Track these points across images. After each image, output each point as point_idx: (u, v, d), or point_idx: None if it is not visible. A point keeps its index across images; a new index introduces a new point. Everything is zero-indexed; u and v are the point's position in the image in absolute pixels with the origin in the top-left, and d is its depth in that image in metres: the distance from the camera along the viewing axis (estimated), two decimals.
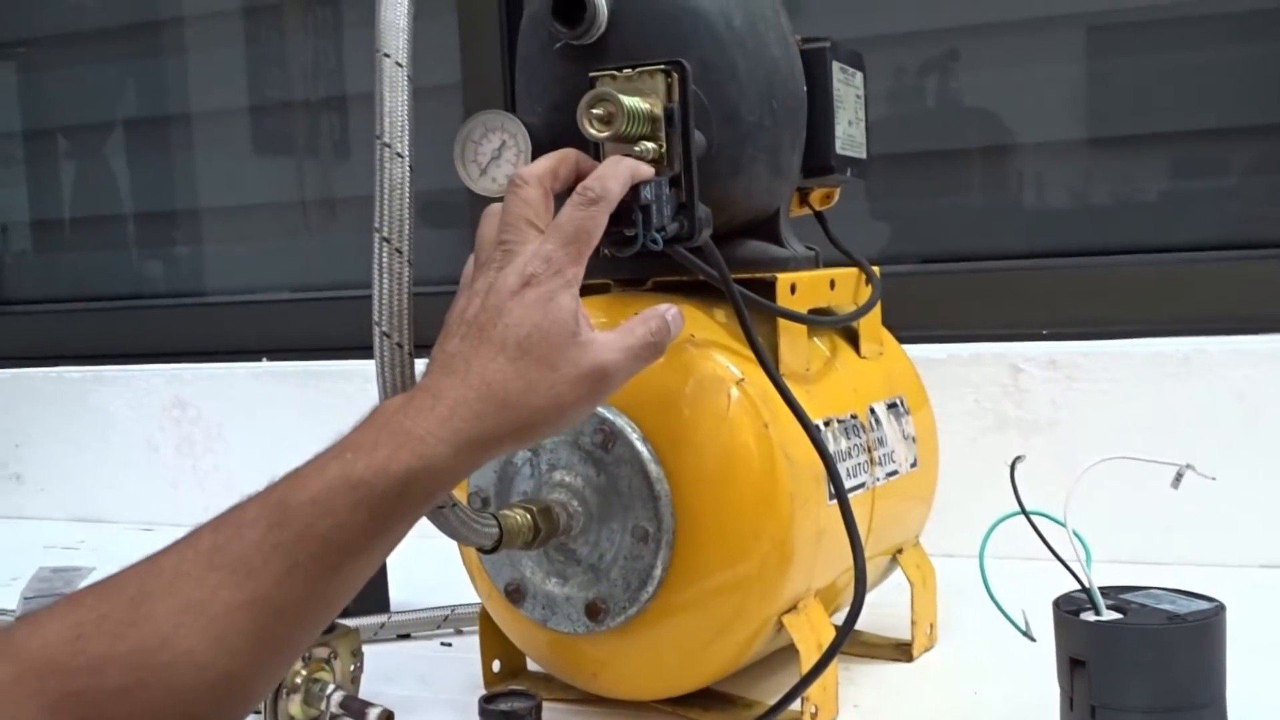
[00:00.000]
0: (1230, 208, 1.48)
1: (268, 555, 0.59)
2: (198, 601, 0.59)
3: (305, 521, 0.60)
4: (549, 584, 0.87)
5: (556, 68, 0.86)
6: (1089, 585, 0.78)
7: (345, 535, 0.60)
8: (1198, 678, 0.75)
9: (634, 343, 0.71)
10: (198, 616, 0.58)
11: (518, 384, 0.65)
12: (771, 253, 0.94)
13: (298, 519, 0.60)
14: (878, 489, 0.94)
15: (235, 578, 0.59)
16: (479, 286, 0.69)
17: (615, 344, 0.70)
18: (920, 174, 1.60)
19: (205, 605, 0.58)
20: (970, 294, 1.45)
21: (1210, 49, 1.46)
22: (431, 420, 0.63)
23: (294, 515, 0.60)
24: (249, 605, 0.59)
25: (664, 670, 0.87)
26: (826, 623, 0.88)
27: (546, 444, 0.86)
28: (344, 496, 0.60)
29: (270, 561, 0.59)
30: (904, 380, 1.05)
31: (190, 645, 0.58)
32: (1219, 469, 0.83)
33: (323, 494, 0.60)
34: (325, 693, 0.90)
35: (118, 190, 2.17)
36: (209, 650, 0.58)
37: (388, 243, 0.70)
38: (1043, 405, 1.32)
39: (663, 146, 0.78)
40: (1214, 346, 1.27)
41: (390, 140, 0.70)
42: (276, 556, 0.59)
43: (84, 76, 2.15)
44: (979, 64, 1.56)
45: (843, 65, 0.98)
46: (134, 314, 2.02)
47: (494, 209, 0.73)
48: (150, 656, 0.58)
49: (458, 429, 0.63)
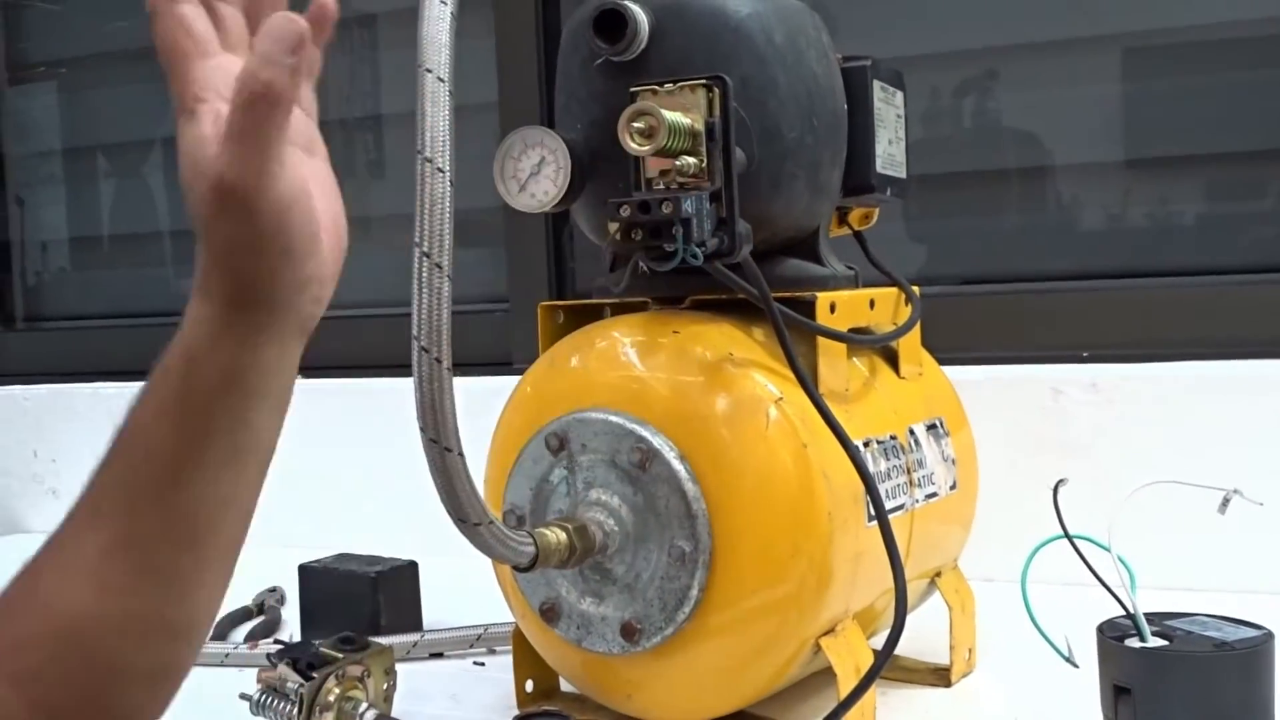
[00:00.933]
0: (1269, 229, 1.46)
1: (110, 494, 0.60)
2: (73, 559, 0.60)
3: (125, 448, 0.60)
4: (584, 603, 0.86)
5: (596, 83, 0.86)
6: (1134, 611, 0.77)
7: (163, 449, 0.59)
8: (1245, 707, 0.74)
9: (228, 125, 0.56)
10: (76, 572, 0.59)
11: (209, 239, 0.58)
12: (811, 271, 0.93)
13: (120, 451, 0.60)
14: (917, 511, 0.93)
15: (94, 525, 0.60)
16: None
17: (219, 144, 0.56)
18: (959, 195, 1.59)
19: (79, 558, 0.60)
20: (1009, 315, 1.44)
21: (1247, 70, 1.45)
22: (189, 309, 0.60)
23: (116, 449, 0.60)
24: (112, 547, 0.59)
25: (700, 692, 0.86)
26: (865, 646, 0.87)
27: (583, 462, 0.85)
28: (149, 414, 0.60)
29: (114, 500, 0.60)
30: (943, 402, 1.04)
31: (77, 602, 0.59)
32: (1266, 494, 0.82)
33: (131, 420, 0.60)
34: (358, 711, 0.90)
35: (155, 208, 2.18)
36: (98, 599, 0.59)
37: (428, 258, 0.69)
38: (1083, 428, 1.31)
39: (703, 161, 0.78)
40: (1257, 370, 1.25)
41: (432, 155, 0.69)
42: (117, 492, 0.60)
43: (123, 96, 2.17)
44: (1017, 85, 1.56)
45: (883, 84, 0.97)
46: (168, 331, 2.03)
47: None
48: (50, 624, 0.59)
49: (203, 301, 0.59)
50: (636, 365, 0.87)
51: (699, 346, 0.85)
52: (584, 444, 0.85)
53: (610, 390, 0.86)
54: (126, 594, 0.60)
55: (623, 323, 0.91)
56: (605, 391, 0.86)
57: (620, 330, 0.90)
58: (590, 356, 0.89)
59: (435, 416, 0.69)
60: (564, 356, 0.91)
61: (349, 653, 0.92)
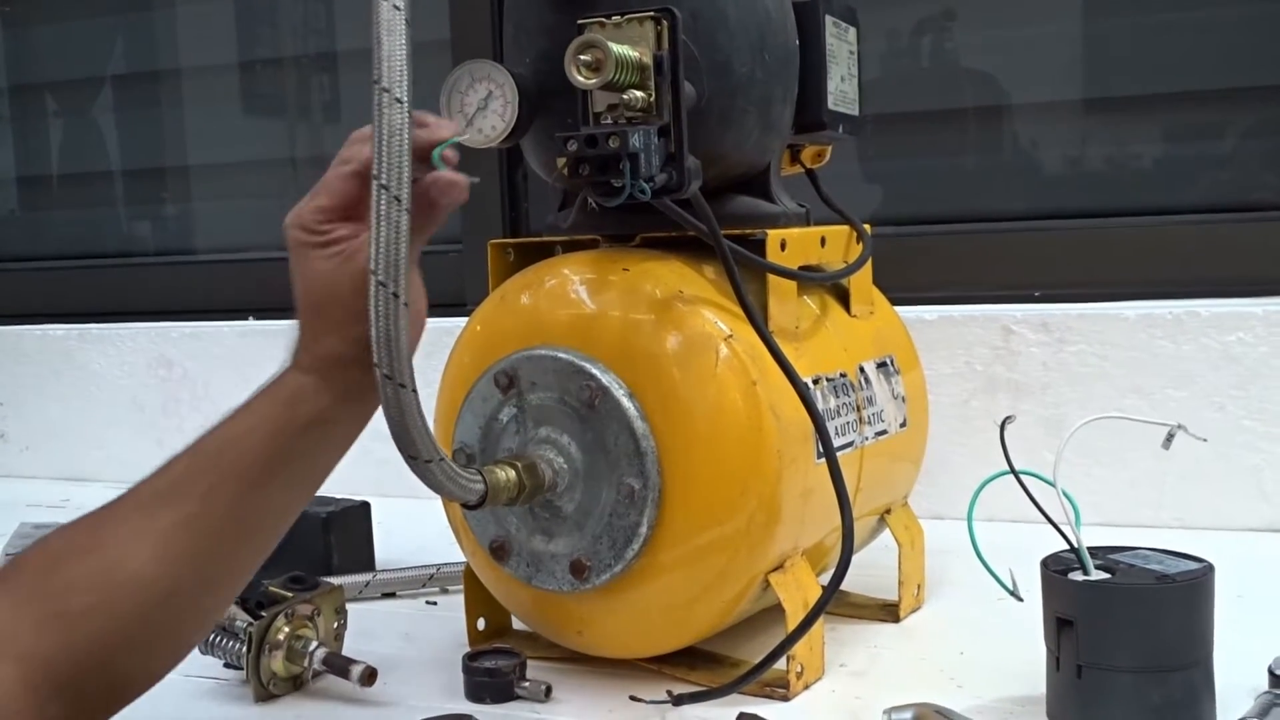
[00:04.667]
0: (1224, 171, 1.47)
1: (192, 481, 0.70)
2: (144, 526, 0.69)
3: (215, 451, 0.71)
4: (534, 541, 0.86)
5: (545, 16, 0.85)
6: (1077, 545, 0.78)
7: (248, 460, 0.70)
8: (1185, 638, 0.75)
9: None
10: (144, 538, 0.68)
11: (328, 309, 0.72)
12: (762, 209, 0.92)
13: (208, 452, 0.71)
14: (866, 448, 0.94)
15: (169, 504, 0.69)
16: None
17: None
18: (914, 135, 1.59)
19: (150, 528, 0.69)
20: (962, 255, 1.44)
21: (1206, 10, 1.45)
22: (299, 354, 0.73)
23: (205, 450, 0.71)
24: (183, 524, 0.69)
25: (649, 628, 0.87)
26: (814, 582, 0.88)
27: (532, 400, 0.85)
28: (243, 427, 0.71)
29: (195, 486, 0.70)
30: (894, 340, 1.04)
31: (140, 562, 0.68)
32: (1210, 431, 0.83)
33: (227, 430, 0.71)
34: (308, 650, 0.90)
35: (105, 147, 2.14)
36: (156, 566, 0.68)
37: (386, 190, 0.68)
38: (1034, 367, 1.32)
39: (651, 95, 0.77)
40: (1206, 309, 1.26)
41: (389, 85, 0.68)
42: (198, 482, 0.70)
43: (71, 32, 2.12)
44: (975, 24, 1.55)
45: (836, 20, 0.97)
46: (120, 272, 2.01)
47: None
48: (108, 576, 0.68)
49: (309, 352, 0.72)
50: (586, 303, 0.86)
51: (649, 284, 0.85)
52: (533, 382, 0.85)
53: (560, 328, 0.86)
54: (183, 568, 0.69)
55: (573, 260, 0.90)
56: (555, 329, 0.86)
57: (570, 268, 0.89)
58: (540, 294, 0.89)
59: (390, 351, 0.68)
60: (514, 294, 0.90)
61: (298, 592, 0.92)
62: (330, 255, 0.71)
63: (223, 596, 0.74)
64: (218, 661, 0.94)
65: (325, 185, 0.72)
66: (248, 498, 0.71)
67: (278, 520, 0.74)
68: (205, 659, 0.93)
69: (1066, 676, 0.77)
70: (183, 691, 0.91)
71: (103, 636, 0.67)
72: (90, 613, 0.67)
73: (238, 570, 0.73)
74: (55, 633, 0.66)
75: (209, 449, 0.71)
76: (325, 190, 0.72)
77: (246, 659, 0.89)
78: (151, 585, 0.68)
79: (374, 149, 0.67)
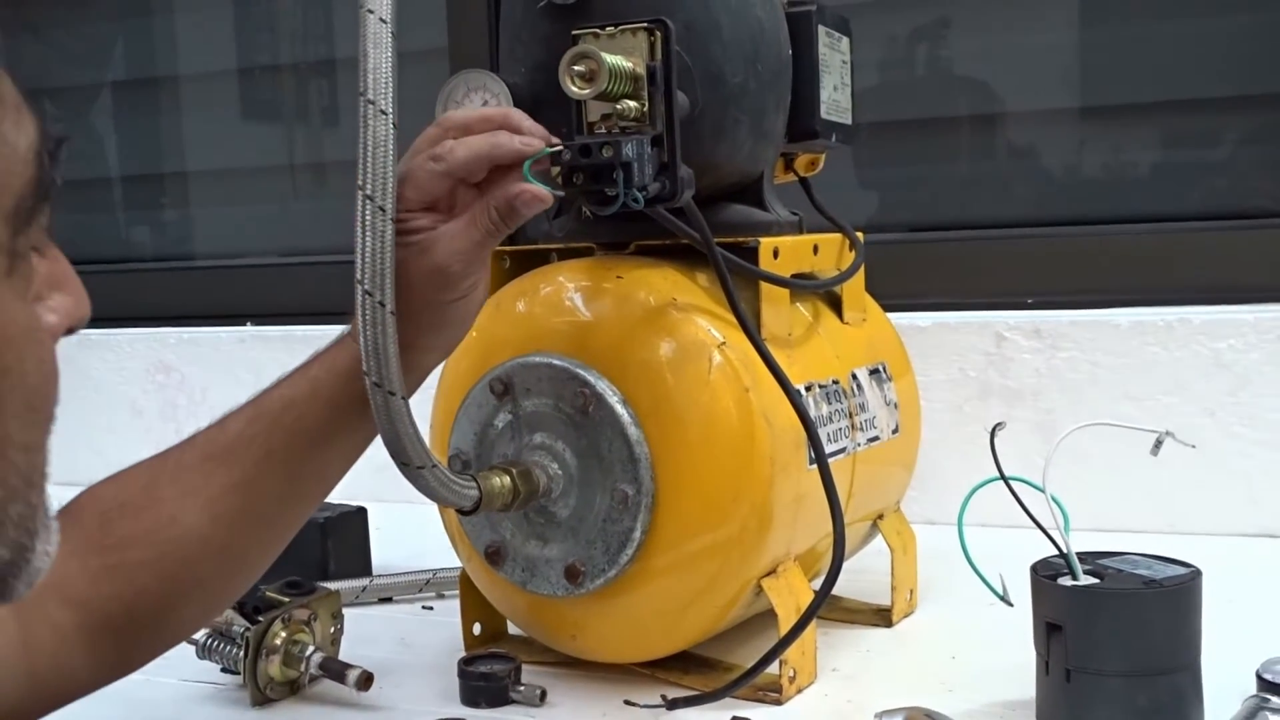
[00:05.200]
0: (1215, 178, 1.47)
1: (248, 443, 0.72)
2: (197, 485, 0.71)
3: (274, 414, 0.72)
4: (529, 546, 0.87)
5: (540, 27, 0.86)
6: (1067, 550, 0.79)
7: (307, 424, 0.72)
8: (1173, 642, 0.76)
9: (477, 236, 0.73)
10: (197, 497, 0.71)
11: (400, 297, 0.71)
12: (755, 217, 0.93)
13: (269, 413, 0.73)
14: (859, 454, 0.94)
15: (225, 465, 0.72)
16: None
17: (458, 241, 0.73)
18: (908, 142, 1.59)
19: (203, 488, 0.71)
20: (955, 263, 1.45)
21: (1198, 18, 1.45)
22: None
23: (265, 410, 0.73)
24: (238, 487, 0.71)
25: (643, 633, 0.87)
26: (806, 587, 0.88)
27: (527, 406, 0.86)
28: (304, 391, 0.73)
29: (251, 449, 0.72)
30: (887, 346, 1.05)
31: (193, 521, 0.71)
32: (1199, 437, 0.83)
33: (287, 391, 0.73)
34: (305, 654, 0.90)
35: (104, 153, 2.15)
36: (209, 526, 0.71)
37: (371, 200, 0.69)
38: (1026, 374, 1.32)
39: (644, 105, 0.77)
40: (1197, 316, 1.27)
41: (374, 97, 0.69)
42: (255, 445, 0.72)
43: (71, 38, 2.13)
44: (969, 31, 1.56)
45: (829, 29, 0.97)
46: (118, 277, 2.01)
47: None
48: (163, 532, 0.70)
49: None
50: (581, 310, 0.87)
51: (642, 291, 0.86)
52: (528, 388, 0.86)
53: (554, 335, 0.86)
54: (235, 527, 0.72)
55: (567, 268, 0.91)
56: (549, 336, 0.87)
57: (565, 275, 0.90)
58: (535, 302, 0.89)
59: (378, 360, 0.69)
60: (509, 301, 0.91)
61: (295, 597, 0.93)
62: (406, 244, 0.72)
63: (272, 551, 0.77)
64: (215, 666, 0.94)
65: (413, 178, 0.73)
66: (303, 464, 0.73)
67: (328, 484, 0.76)
68: (202, 663, 0.94)
69: (1056, 680, 0.77)
70: (180, 696, 0.92)
71: (156, 587, 0.71)
72: (144, 566, 0.70)
73: (287, 528, 0.76)
74: (110, 583, 0.69)
75: (268, 412, 0.72)
76: (412, 183, 0.72)
77: (243, 664, 0.89)
78: (205, 543, 0.71)
79: (359, 159, 0.68)
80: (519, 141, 0.73)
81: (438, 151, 0.73)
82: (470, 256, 0.73)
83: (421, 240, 0.72)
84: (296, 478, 0.74)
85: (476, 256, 0.74)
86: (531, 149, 0.73)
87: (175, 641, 0.76)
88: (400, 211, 0.71)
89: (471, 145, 0.73)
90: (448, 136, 0.74)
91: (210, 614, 0.78)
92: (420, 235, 0.72)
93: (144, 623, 0.71)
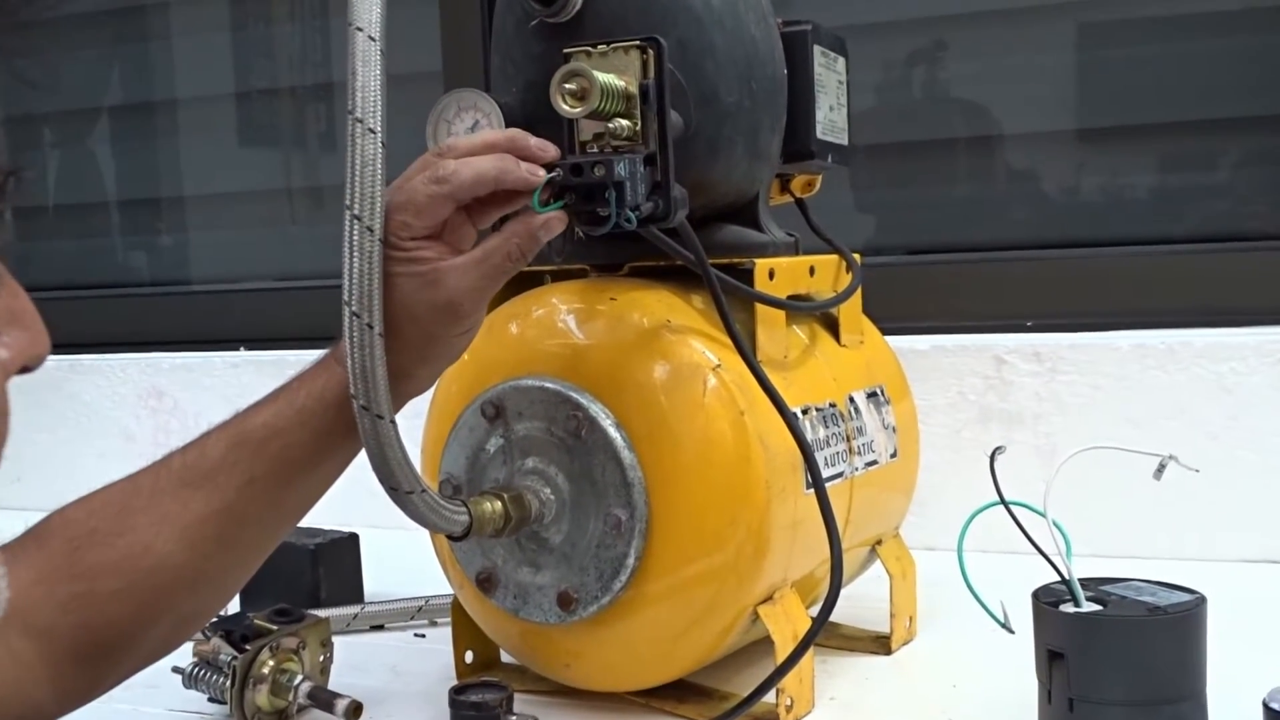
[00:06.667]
0: (1215, 201, 1.47)
1: (229, 470, 0.70)
2: (173, 513, 0.69)
3: (258, 442, 0.70)
4: (521, 573, 0.86)
5: (531, 46, 0.85)
6: (1069, 577, 0.77)
7: (293, 453, 0.71)
8: (1177, 670, 0.74)
9: (492, 266, 0.72)
10: (173, 525, 0.69)
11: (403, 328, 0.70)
12: (750, 238, 0.92)
13: (252, 439, 0.71)
14: (856, 479, 0.93)
15: (203, 491, 0.70)
16: None
17: (469, 277, 0.72)
18: (906, 165, 1.59)
19: (179, 515, 0.69)
20: (954, 285, 1.44)
21: (1197, 42, 1.45)
22: None
23: (249, 436, 0.71)
24: (217, 514, 0.70)
25: (638, 661, 0.86)
26: (803, 614, 0.87)
27: (519, 430, 0.84)
28: (290, 419, 0.71)
29: (231, 475, 0.70)
30: (885, 369, 1.04)
31: (168, 549, 0.69)
32: (1202, 461, 0.82)
33: (272, 418, 0.71)
34: (293, 683, 0.89)
35: (101, 178, 2.14)
36: (184, 554, 0.69)
37: (359, 220, 0.68)
38: (1026, 397, 1.31)
39: (637, 124, 0.76)
40: (1198, 339, 1.26)
41: (363, 116, 0.68)
42: (236, 471, 0.70)
43: (67, 63, 2.12)
44: (967, 53, 1.55)
45: (824, 49, 0.97)
46: (111, 302, 2.00)
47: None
48: (136, 561, 0.68)
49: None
50: (574, 332, 0.86)
51: (636, 313, 0.85)
52: (520, 412, 0.84)
53: (547, 358, 0.85)
54: (210, 556, 0.70)
55: (560, 290, 0.90)
56: (542, 359, 0.85)
57: (558, 297, 0.88)
58: (528, 324, 0.88)
59: (366, 383, 0.68)
60: (502, 324, 0.89)
61: (284, 625, 0.91)
62: (411, 275, 0.70)
63: (248, 572, 0.75)
64: (202, 696, 0.93)
65: (413, 201, 0.70)
66: (286, 490, 0.71)
67: (310, 505, 0.75)
68: (189, 693, 0.92)
69: (1058, 710, 0.76)
70: None
71: (126, 616, 0.69)
72: (115, 596, 0.68)
73: (265, 551, 0.75)
74: (79, 612, 0.67)
75: (251, 439, 0.70)
76: (414, 207, 0.70)
77: (230, 693, 0.87)
78: (179, 570, 0.69)
79: (346, 179, 0.67)
80: (525, 169, 0.72)
81: (440, 174, 0.71)
82: (483, 294, 0.72)
83: (427, 272, 0.70)
84: (278, 503, 0.72)
85: (489, 293, 0.73)
86: (538, 179, 0.72)
87: (145, 665, 0.74)
88: (405, 240, 0.70)
89: (476, 166, 0.71)
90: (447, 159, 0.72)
91: (182, 636, 0.75)
92: (426, 266, 0.70)
93: (112, 650, 0.70)
